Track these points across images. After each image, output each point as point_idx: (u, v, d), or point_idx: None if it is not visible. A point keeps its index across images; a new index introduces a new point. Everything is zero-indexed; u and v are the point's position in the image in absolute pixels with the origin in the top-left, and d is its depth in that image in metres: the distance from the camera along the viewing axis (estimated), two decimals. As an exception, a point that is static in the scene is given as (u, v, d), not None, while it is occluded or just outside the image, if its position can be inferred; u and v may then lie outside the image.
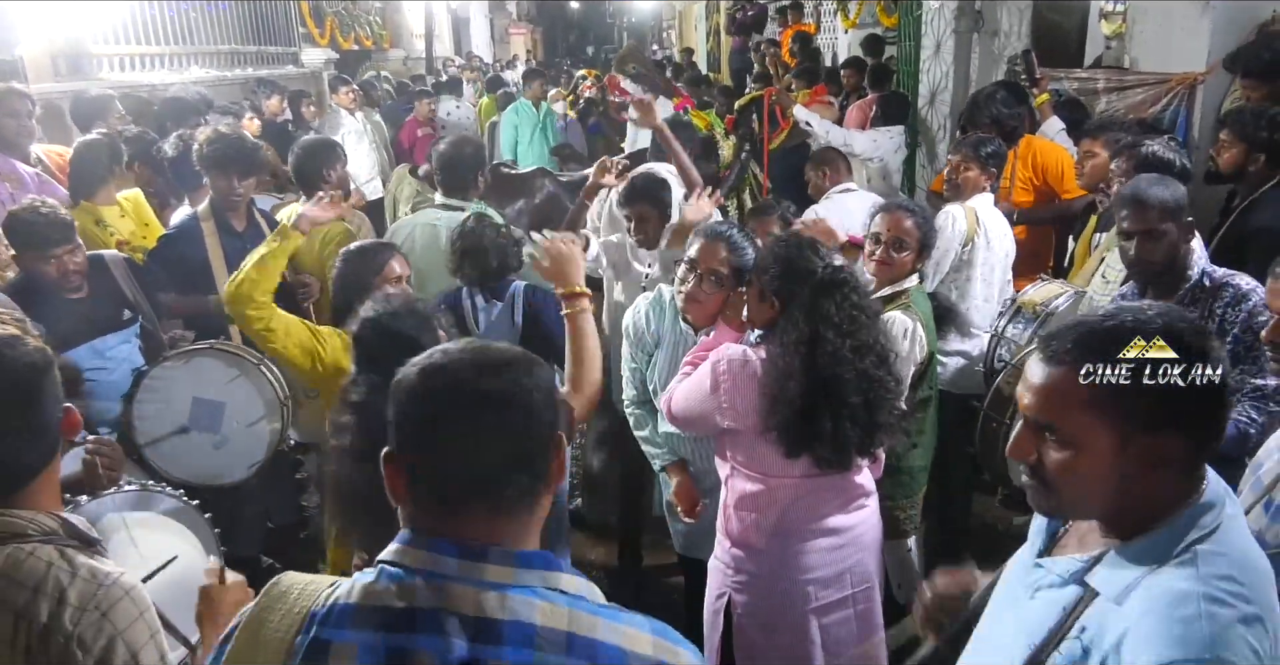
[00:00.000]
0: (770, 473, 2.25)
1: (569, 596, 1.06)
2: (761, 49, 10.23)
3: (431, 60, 16.06)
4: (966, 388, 3.44)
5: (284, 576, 1.12)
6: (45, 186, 3.85)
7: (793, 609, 2.28)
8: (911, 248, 2.75)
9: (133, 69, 7.21)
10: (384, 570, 1.06)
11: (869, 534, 2.37)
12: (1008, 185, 4.09)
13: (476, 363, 1.10)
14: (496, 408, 1.07)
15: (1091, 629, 1.18)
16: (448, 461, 1.06)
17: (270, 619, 1.06)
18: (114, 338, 3.08)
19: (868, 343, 2.17)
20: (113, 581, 1.38)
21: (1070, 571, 1.24)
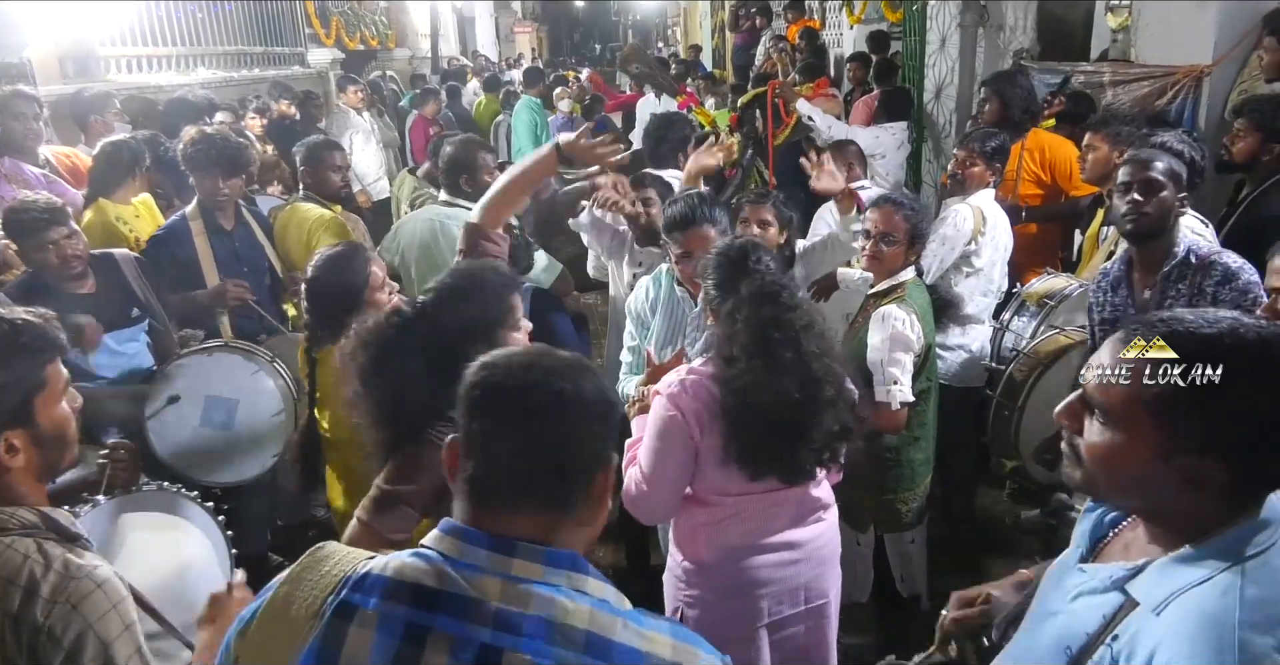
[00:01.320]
0: (722, 491, 2.17)
1: (593, 598, 1.08)
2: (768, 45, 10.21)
3: (437, 59, 16.08)
4: (968, 381, 3.44)
5: (329, 543, 1.17)
6: (53, 188, 3.87)
7: (745, 624, 2.23)
8: (900, 241, 2.73)
9: (140, 70, 7.24)
10: (420, 552, 1.09)
11: (826, 548, 2.30)
12: (1013, 178, 4.08)
13: (536, 369, 1.13)
14: (547, 416, 1.10)
15: (1124, 638, 1.14)
16: (488, 460, 1.10)
17: (309, 577, 1.10)
18: (122, 335, 3.10)
19: (813, 351, 2.08)
20: (85, 574, 1.39)
21: (1113, 577, 1.21)
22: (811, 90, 6.98)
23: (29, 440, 1.45)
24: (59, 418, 1.50)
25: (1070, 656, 1.22)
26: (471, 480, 1.11)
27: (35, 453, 1.47)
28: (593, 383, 1.14)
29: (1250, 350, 1.07)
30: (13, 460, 1.43)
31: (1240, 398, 1.06)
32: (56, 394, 1.50)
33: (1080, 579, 1.29)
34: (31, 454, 1.46)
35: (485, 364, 1.16)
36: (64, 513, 1.50)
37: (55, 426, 1.49)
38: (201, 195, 3.49)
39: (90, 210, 3.68)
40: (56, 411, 1.50)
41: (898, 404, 2.67)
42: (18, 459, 1.44)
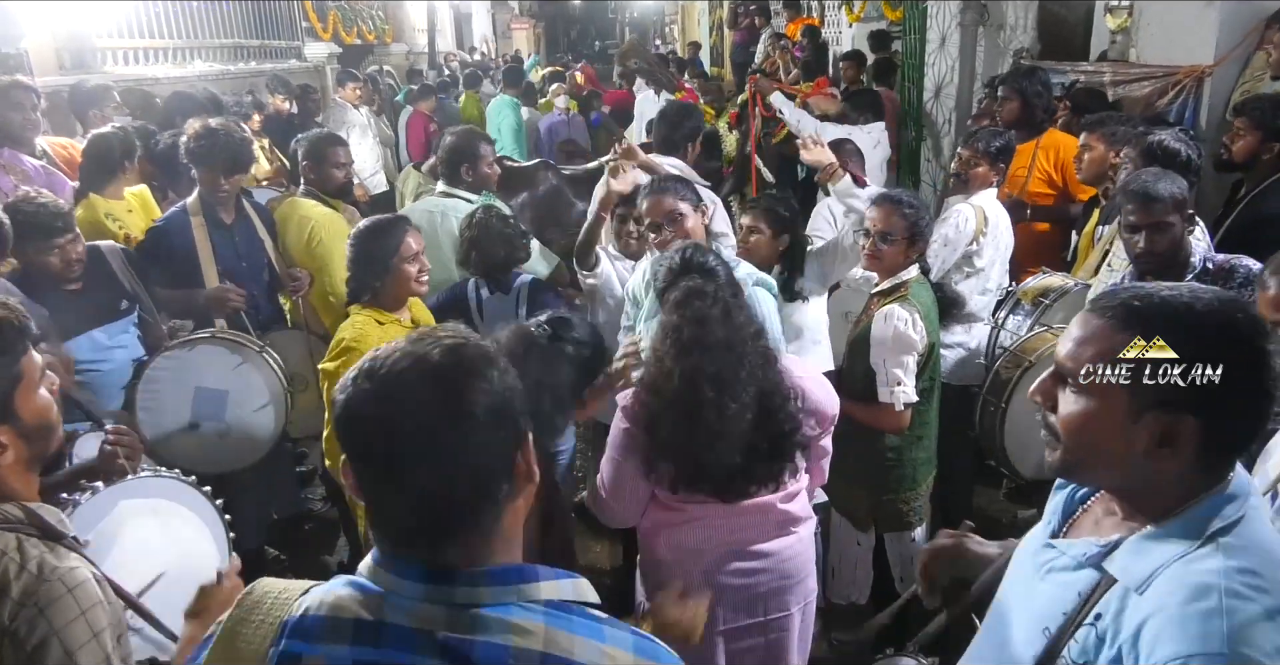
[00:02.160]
0: (684, 499, 2.13)
1: (549, 610, 1.01)
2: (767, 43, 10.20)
3: (434, 55, 16.05)
4: (965, 378, 3.43)
5: (258, 584, 1.08)
6: (51, 179, 3.84)
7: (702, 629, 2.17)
8: (899, 240, 2.70)
9: (136, 63, 7.21)
10: (353, 581, 1.02)
11: (793, 561, 2.22)
12: (1024, 176, 4.06)
13: (409, 387, 0.98)
14: (440, 437, 0.97)
15: (1108, 617, 1.16)
16: (397, 497, 1.00)
17: (244, 631, 1.03)
18: (113, 328, 3.07)
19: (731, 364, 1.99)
20: (58, 577, 1.35)
21: (1086, 555, 1.22)
22: (811, 88, 6.96)
23: (14, 435, 1.42)
24: (39, 407, 1.46)
25: (1049, 637, 1.22)
26: (381, 512, 1.02)
27: (22, 445, 1.44)
28: (475, 379, 0.99)
29: (1206, 310, 1.13)
30: (3, 457, 1.40)
31: (1201, 352, 1.10)
32: (33, 382, 1.46)
33: (1050, 555, 1.29)
34: (19, 447, 1.43)
35: (347, 397, 1.00)
36: (51, 510, 1.46)
37: (37, 416, 1.46)
38: (203, 189, 3.45)
39: (80, 207, 3.64)
40: (36, 401, 1.46)
41: (901, 405, 2.66)
42: (7, 456, 1.41)
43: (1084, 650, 1.17)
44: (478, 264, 3.16)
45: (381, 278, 2.62)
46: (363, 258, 2.65)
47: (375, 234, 2.65)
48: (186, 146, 3.39)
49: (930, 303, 2.76)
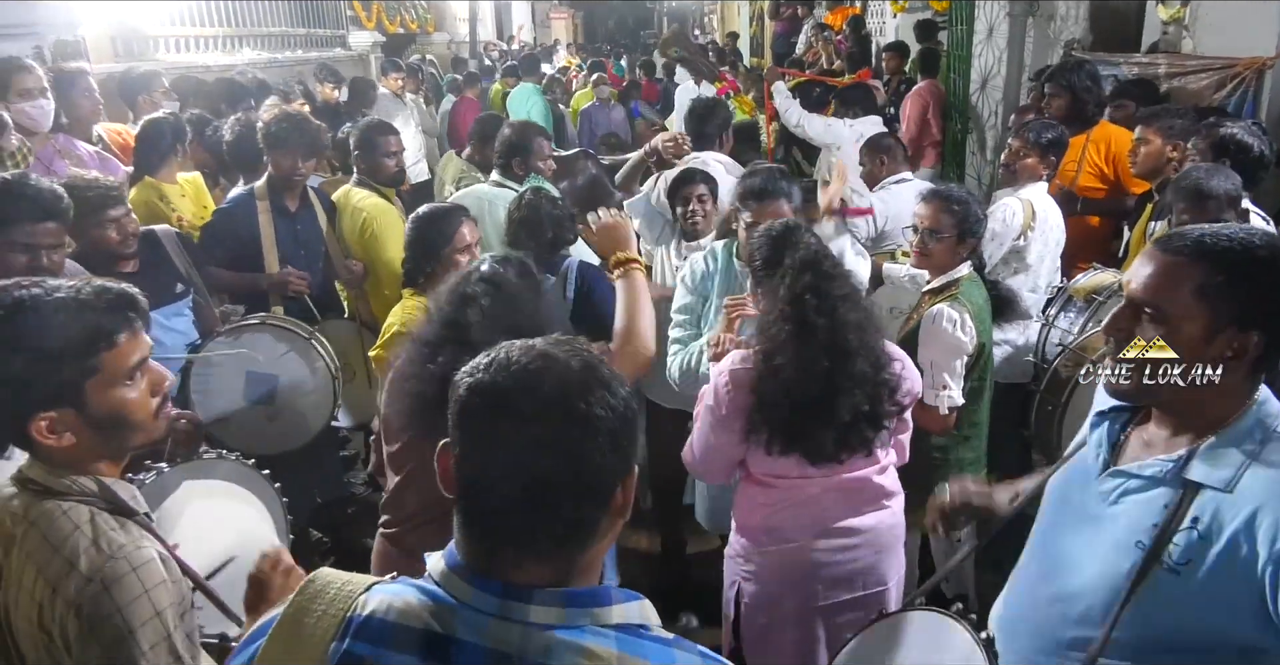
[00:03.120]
0: (779, 474, 2.21)
1: (620, 634, 0.99)
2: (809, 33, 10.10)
3: (475, 44, 16.11)
4: (1011, 376, 3.38)
5: (319, 573, 1.07)
6: (105, 164, 3.93)
7: (799, 605, 2.25)
8: (948, 237, 2.66)
9: (188, 50, 7.34)
10: (425, 588, 1.01)
11: (887, 535, 2.30)
12: (1074, 169, 3.99)
13: (539, 391, 0.97)
14: (560, 445, 0.96)
15: (1205, 519, 1.32)
16: (497, 499, 0.98)
17: (306, 619, 1.01)
18: (168, 311, 3.12)
19: (850, 321, 2.11)
20: (124, 555, 1.35)
21: (1163, 471, 1.39)
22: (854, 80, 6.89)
23: (78, 421, 1.40)
24: (116, 402, 1.43)
25: (1144, 549, 1.37)
26: (469, 514, 1.00)
27: (90, 435, 1.42)
28: (606, 400, 0.98)
29: (1264, 244, 1.34)
30: (59, 441, 1.39)
31: (1265, 276, 1.32)
32: (115, 378, 1.42)
33: (1117, 482, 1.45)
34: (85, 436, 1.41)
35: (476, 384, 0.99)
36: (126, 485, 1.48)
37: (112, 410, 1.42)
38: (276, 174, 3.50)
39: (136, 188, 3.72)
40: (113, 395, 1.42)
41: (946, 409, 2.64)
42: (65, 439, 1.39)
43: (1186, 551, 1.33)
44: (526, 244, 3.18)
45: (433, 265, 2.66)
46: (418, 243, 2.70)
47: (433, 221, 2.71)
48: (266, 130, 3.46)
49: (982, 301, 2.71)
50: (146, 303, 1.50)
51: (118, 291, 1.46)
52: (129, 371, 1.44)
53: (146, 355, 1.48)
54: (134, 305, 1.47)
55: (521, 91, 8.75)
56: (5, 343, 1.35)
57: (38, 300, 1.37)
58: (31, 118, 3.64)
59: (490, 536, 1.00)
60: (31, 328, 1.35)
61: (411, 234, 2.72)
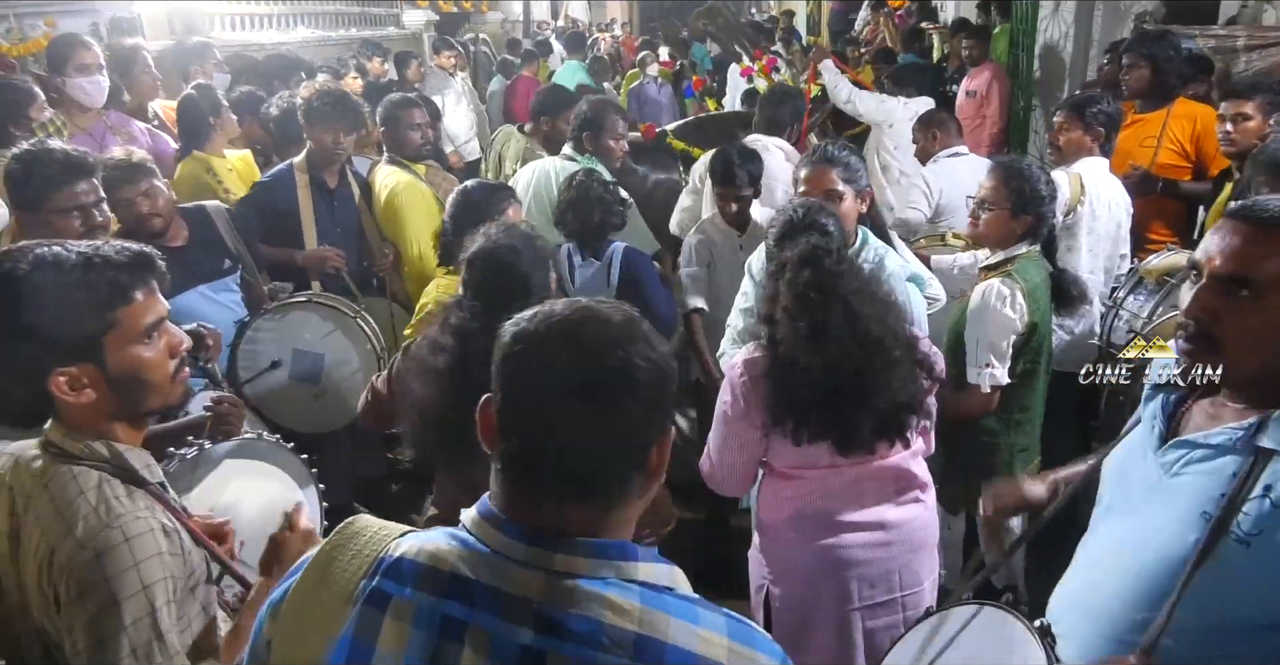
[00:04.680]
0: (807, 465, 2.09)
1: (644, 589, 0.98)
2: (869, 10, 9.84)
3: (529, 23, 16.07)
4: (1067, 365, 3.23)
5: (359, 518, 1.09)
6: (156, 141, 3.97)
7: (833, 606, 2.13)
8: (1001, 208, 2.54)
9: (243, 28, 7.41)
10: (456, 534, 1.02)
11: (921, 531, 2.18)
12: (1154, 147, 3.78)
13: (579, 340, 0.99)
14: (598, 392, 0.97)
15: (1279, 487, 1.28)
16: (534, 446, 1.00)
17: (340, 557, 1.04)
18: (216, 285, 3.14)
19: (869, 314, 1.99)
20: (120, 524, 1.35)
21: (1233, 439, 1.33)
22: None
23: (99, 377, 1.41)
24: (134, 360, 1.44)
25: (1210, 520, 1.31)
26: (508, 460, 1.01)
27: (108, 393, 1.42)
28: (645, 352, 0.99)
29: None
30: (78, 397, 1.40)
31: None
32: (133, 334, 1.43)
33: (1180, 453, 1.40)
34: (104, 393, 1.42)
35: (520, 333, 1.01)
36: (140, 454, 1.48)
37: (128, 368, 1.43)
38: (317, 148, 3.49)
39: (183, 163, 3.76)
40: (129, 353, 1.43)
41: (988, 387, 2.53)
42: (84, 396, 1.40)
43: (1257, 521, 1.28)
44: (572, 225, 3.14)
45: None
46: (460, 221, 2.66)
47: (478, 199, 2.67)
48: (305, 106, 3.45)
49: (1040, 281, 2.59)
50: (164, 267, 1.50)
51: (136, 251, 1.47)
52: (146, 329, 1.45)
53: (164, 316, 1.49)
54: (151, 265, 1.48)
55: (566, 69, 8.72)
56: (26, 297, 1.36)
57: (57, 256, 1.39)
58: (87, 93, 3.69)
59: (524, 482, 1.01)
60: (50, 283, 1.37)
61: (456, 208, 2.68)
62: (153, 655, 1.35)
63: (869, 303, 2.00)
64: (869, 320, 1.98)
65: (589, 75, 8.72)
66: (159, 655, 1.35)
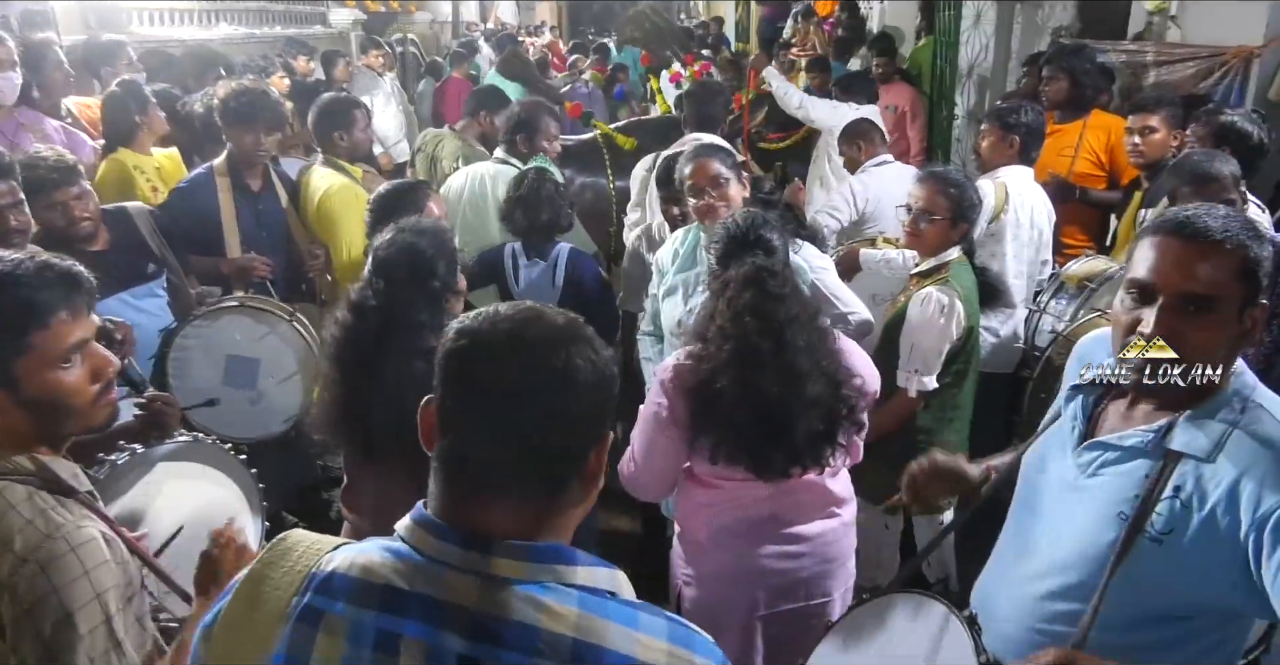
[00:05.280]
0: (724, 476, 2.09)
1: (583, 593, 0.98)
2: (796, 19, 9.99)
3: (458, 24, 15.91)
4: (995, 366, 3.36)
5: (291, 533, 1.07)
6: (72, 139, 3.83)
7: (740, 613, 2.14)
8: (942, 219, 2.62)
9: (162, 24, 7.18)
10: (390, 546, 1.01)
11: (835, 545, 2.19)
12: (1071, 156, 3.94)
13: (523, 341, 0.99)
14: (540, 391, 0.97)
15: (1187, 487, 1.34)
16: (473, 443, 0.99)
17: (272, 575, 1.02)
18: (139, 291, 3.02)
19: (799, 345, 1.95)
20: (62, 535, 1.31)
21: (1144, 442, 1.40)
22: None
23: (10, 402, 1.36)
24: (50, 384, 1.38)
25: (1127, 520, 1.38)
26: (447, 461, 1.01)
27: (21, 416, 1.37)
28: (587, 355, 1.00)
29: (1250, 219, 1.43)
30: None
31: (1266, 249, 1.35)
32: (49, 359, 1.38)
33: (1095, 455, 1.46)
34: (16, 417, 1.37)
35: (464, 330, 1.01)
36: (66, 464, 1.43)
37: (43, 392, 1.38)
38: (238, 151, 3.37)
39: (106, 162, 3.62)
40: (48, 377, 1.38)
41: (914, 392, 2.60)
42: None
43: (1169, 521, 1.35)
44: (520, 223, 3.13)
45: None
46: (385, 222, 2.61)
47: (398, 198, 2.62)
48: (224, 106, 3.32)
49: (972, 285, 2.69)
50: (94, 283, 1.45)
51: (61, 269, 1.41)
52: (64, 353, 1.39)
53: (89, 337, 1.43)
54: (76, 284, 1.42)
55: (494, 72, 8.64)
56: None
57: None
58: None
59: (462, 483, 1.00)
60: None
61: (378, 213, 2.62)
62: (111, 664, 1.31)
63: (802, 332, 1.97)
64: (797, 352, 1.95)
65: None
66: (117, 663, 1.32)
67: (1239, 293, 1.35)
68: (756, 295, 1.96)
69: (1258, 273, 1.36)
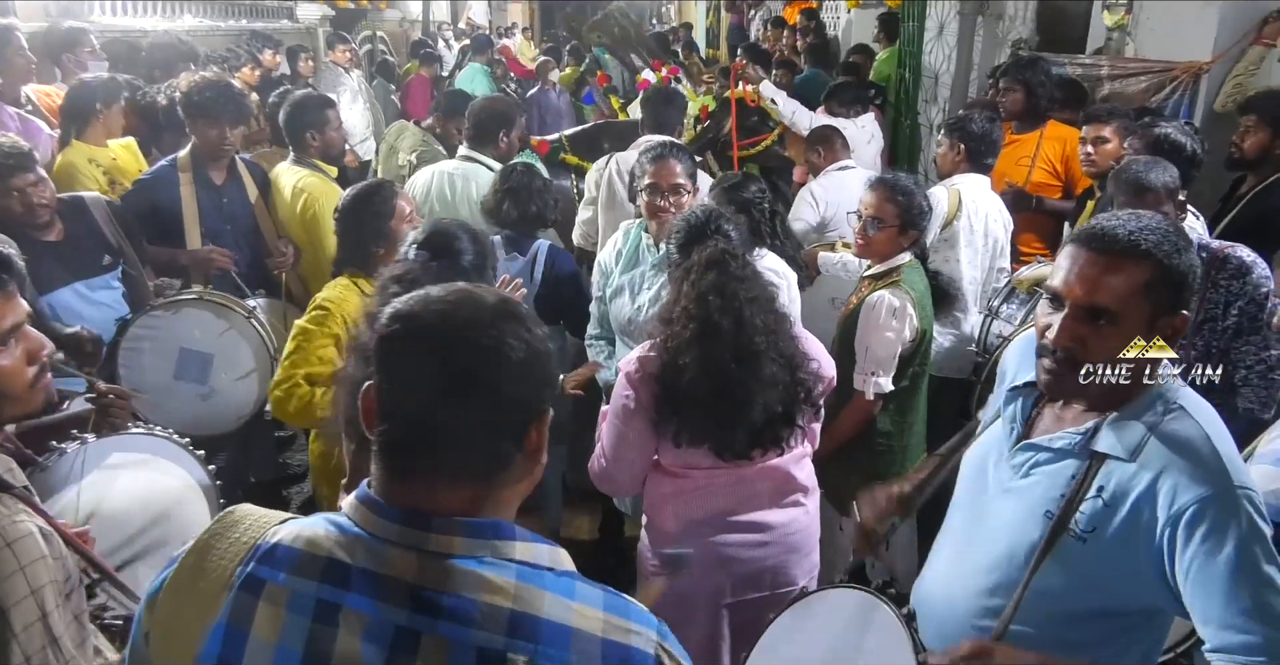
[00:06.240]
0: (691, 465, 2.14)
1: (520, 567, 1.00)
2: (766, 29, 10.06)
3: (428, 23, 15.84)
4: (949, 370, 3.42)
5: (239, 507, 1.08)
6: (27, 127, 3.77)
7: (707, 601, 2.18)
8: (889, 226, 2.66)
9: (125, 14, 7.07)
10: (334, 520, 1.03)
11: (799, 534, 2.24)
12: (1029, 166, 4.04)
13: (458, 316, 1.01)
14: (470, 370, 0.99)
15: (1110, 487, 1.38)
16: (409, 424, 1.00)
17: (218, 545, 1.03)
18: (95, 282, 2.99)
19: (758, 324, 2.03)
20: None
21: (1072, 443, 1.44)
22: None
23: None
24: None
25: (1052, 517, 1.42)
26: (386, 443, 1.02)
27: None
28: (519, 333, 1.01)
29: (1172, 228, 1.40)
30: None
31: (1189, 260, 1.38)
32: None
33: (1028, 456, 1.50)
34: None
35: (397, 313, 1.02)
36: (2, 458, 1.41)
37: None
38: (203, 144, 3.33)
39: (63, 153, 3.57)
40: None
41: (871, 394, 2.64)
42: None
43: (1091, 519, 1.39)
44: (509, 214, 3.13)
45: (380, 243, 2.58)
46: (356, 226, 2.61)
47: (367, 201, 2.61)
48: (187, 99, 3.28)
49: (924, 289, 2.73)
50: (22, 265, 1.44)
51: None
52: (7, 334, 1.38)
53: (21, 321, 1.42)
54: (7, 267, 1.40)
55: (468, 72, 8.63)
56: None
57: None
58: (-45, 75, 3.47)
59: (400, 462, 1.01)
60: None
61: (348, 219, 2.61)
62: (48, 662, 1.29)
63: (761, 313, 2.04)
64: (755, 331, 2.02)
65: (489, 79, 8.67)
66: (54, 662, 1.29)
67: (1146, 305, 1.37)
68: (719, 276, 2.04)
69: (1172, 285, 1.37)
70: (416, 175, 3.80)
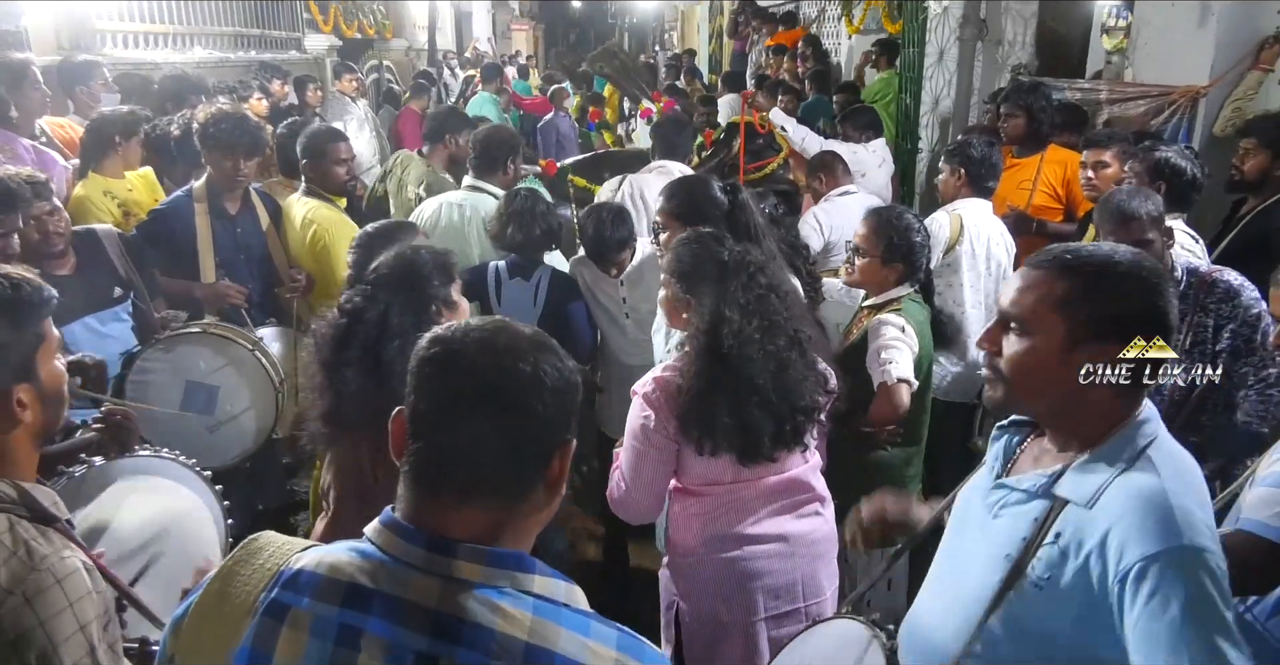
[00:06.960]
0: (713, 481, 2.17)
1: (538, 601, 1.02)
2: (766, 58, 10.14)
3: (434, 52, 16.04)
4: (954, 395, 3.43)
5: (263, 534, 1.11)
6: (42, 158, 3.82)
7: (740, 618, 2.19)
8: (872, 255, 2.67)
9: (136, 47, 7.18)
10: (357, 546, 1.05)
11: (821, 544, 2.26)
12: (1030, 189, 4.07)
13: (493, 347, 1.05)
14: (508, 393, 1.03)
15: (1066, 534, 1.33)
16: (442, 446, 1.04)
17: (242, 572, 1.05)
18: (105, 315, 3.01)
19: (777, 323, 2.11)
20: (47, 567, 1.30)
21: (1036, 485, 1.40)
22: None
23: (34, 396, 1.41)
24: (57, 373, 1.47)
25: (1011, 562, 1.38)
26: (416, 464, 1.05)
27: (39, 409, 1.43)
28: (553, 362, 1.06)
29: (1124, 260, 1.37)
30: (24, 415, 1.40)
31: (1124, 292, 1.35)
32: (52, 349, 1.46)
33: (1001, 494, 1.47)
34: (36, 410, 1.42)
35: (437, 338, 1.07)
36: (46, 492, 1.43)
37: (54, 382, 1.46)
38: (217, 175, 3.37)
39: (80, 185, 3.63)
40: (54, 367, 1.46)
41: (894, 379, 2.48)
42: (27, 414, 1.40)
43: (1048, 566, 1.34)
44: (514, 237, 3.16)
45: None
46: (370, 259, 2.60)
47: (385, 237, 2.58)
48: (203, 130, 3.32)
49: (923, 319, 2.73)
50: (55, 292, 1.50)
51: None
52: (59, 343, 1.49)
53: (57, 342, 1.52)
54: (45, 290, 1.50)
55: (477, 100, 8.72)
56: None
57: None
58: (-29, 111, 3.53)
59: (429, 484, 1.04)
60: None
61: (362, 251, 2.58)
62: None
63: (795, 305, 2.16)
64: (798, 321, 2.14)
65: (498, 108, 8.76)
66: None
67: (1059, 322, 1.36)
68: (745, 278, 2.13)
69: (1099, 311, 1.34)
70: (424, 206, 3.82)
